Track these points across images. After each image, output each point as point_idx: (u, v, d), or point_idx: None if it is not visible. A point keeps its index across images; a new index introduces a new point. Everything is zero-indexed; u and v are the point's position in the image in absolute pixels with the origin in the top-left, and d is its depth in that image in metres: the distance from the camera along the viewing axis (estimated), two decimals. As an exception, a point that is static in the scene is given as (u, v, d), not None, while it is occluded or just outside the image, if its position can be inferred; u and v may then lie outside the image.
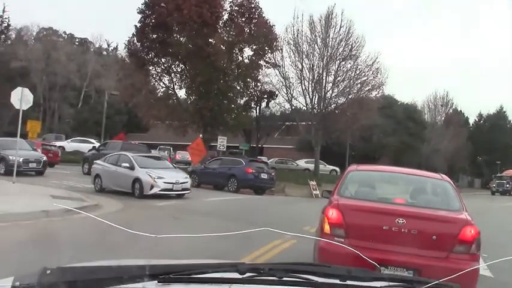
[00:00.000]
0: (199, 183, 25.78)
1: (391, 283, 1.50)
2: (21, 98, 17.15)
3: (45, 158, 24.57)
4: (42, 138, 37.08)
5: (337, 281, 1.51)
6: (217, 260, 2.44)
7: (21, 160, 22.01)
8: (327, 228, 5.98)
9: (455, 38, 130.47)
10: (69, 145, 41.39)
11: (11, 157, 21.79)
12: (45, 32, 75.73)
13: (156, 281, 1.44)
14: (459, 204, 6.27)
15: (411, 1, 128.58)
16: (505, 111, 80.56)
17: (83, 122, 61.51)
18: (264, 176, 26.23)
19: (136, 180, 18.13)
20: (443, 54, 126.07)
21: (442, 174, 7.51)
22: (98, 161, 20.81)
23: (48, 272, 1.50)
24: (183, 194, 19.09)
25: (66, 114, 67.73)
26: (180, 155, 43.34)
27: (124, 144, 28.63)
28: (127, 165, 18.76)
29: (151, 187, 17.92)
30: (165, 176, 18.47)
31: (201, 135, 32.10)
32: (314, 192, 28.69)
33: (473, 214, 6.32)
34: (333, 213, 5.98)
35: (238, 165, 26.13)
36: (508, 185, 59.41)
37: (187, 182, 19.34)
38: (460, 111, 74.01)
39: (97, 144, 34.51)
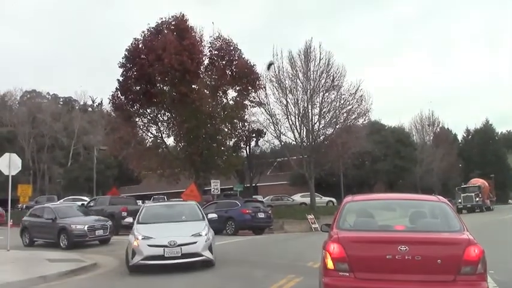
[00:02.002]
0: (197, 229, 25.39)
1: None
2: (9, 163, 16.98)
3: (110, 222, 20.68)
4: (34, 201, 36.65)
5: None
6: None
7: (86, 228, 19.18)
8: (330, 263, 5.88)
9: (434, 59, 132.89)
10: (62, 205, 40.89)
11: (73, 226, 19.10)
12: (28, 95, 76.17)
13: None
14: (459, 225, 6.21)
15: (387, 28, 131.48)
16: (491, 124, 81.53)
17: (73, 180, 61.13)
18: (261, 215, 26.04)
19: (129, 243, 12.24)
20: (425, 76, 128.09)
21: (439, 196, 7.50)
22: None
23: None
24: (187, 262, 11.36)
25: (56, 174, 67.39)
26: (175, 203, 42.91)
27: (112, 198, 28.61)
28: (130, 220, 14.29)
29: (133, 254, 11.55)
30: (156, 234, 11.65)
31: (194, 181, 31.93)
32: (313, 225, 28.49)
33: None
34: (334, 248, 5.90)
35: (234, 207, 25.94)
36: (477, 198, 45.25)
37: (195, 243, 11.58)
38: (448, 128, 74.80)
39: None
